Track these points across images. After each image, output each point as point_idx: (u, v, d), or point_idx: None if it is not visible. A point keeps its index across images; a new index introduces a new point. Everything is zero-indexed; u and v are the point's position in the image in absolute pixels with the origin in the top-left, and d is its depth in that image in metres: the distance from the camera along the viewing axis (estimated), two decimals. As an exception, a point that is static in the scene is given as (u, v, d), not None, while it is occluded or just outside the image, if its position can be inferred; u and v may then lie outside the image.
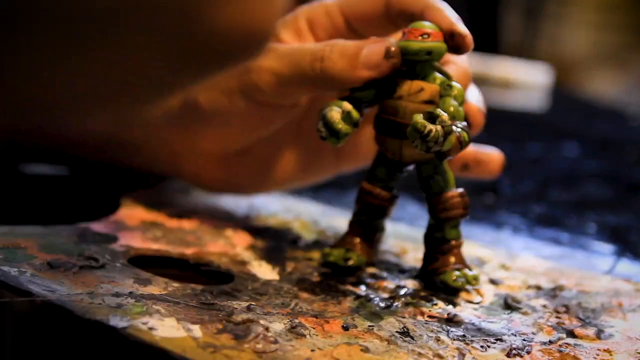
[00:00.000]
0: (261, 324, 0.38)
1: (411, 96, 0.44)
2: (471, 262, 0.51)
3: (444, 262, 0.45)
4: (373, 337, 0.39)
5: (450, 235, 0.45)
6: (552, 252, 0.57)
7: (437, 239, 0.45)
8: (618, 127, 1.32)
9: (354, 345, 0.38)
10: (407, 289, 0.45)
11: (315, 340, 0.38)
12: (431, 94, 0.43)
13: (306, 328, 0.39)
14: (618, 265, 0.56)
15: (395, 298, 0.44)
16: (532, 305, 0.45)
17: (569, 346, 0.40)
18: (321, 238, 0.52)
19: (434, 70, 0.44)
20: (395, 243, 0.52)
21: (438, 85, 0.44)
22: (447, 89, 0.44)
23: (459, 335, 0.40)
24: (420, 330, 0.40)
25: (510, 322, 0.43)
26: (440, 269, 0.45)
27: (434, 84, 0.44)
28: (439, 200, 0.45)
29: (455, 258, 0.45)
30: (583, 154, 1.02)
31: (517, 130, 1.15)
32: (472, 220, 0.63)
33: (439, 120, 0.41)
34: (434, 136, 0.41)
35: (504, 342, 0.40)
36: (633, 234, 0.67)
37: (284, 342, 0.37)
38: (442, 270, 0.45)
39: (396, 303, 0.43)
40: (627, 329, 0.43)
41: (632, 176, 0.94)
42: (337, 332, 0.39)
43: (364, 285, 0.45)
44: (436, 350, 0.38)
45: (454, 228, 0.45)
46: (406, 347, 0.38)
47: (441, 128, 0.41)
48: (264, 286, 0.44)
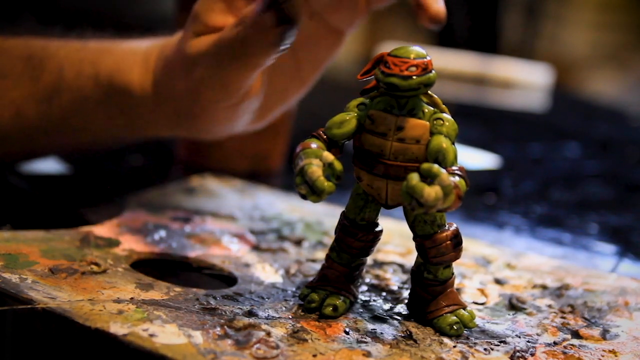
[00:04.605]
0: (262, 329, 0.38)
1: (397, 134, 0.39)
2: (476, 261, 0.50)
3: (437, 305, 0.41)
4: (376, 340, 0.39)
5: (443, 276, 0.41)
6: (554, 252, 0.57)
7: (428, 280, 0.41)
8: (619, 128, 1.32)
9: (356, 349, 0.37)
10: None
11: (317, 344, 0.37)
12: (420, 132, 0.39)
13: (308, 332, 0.38)
14: (620, 266, 0.55)
15: (399, 300, 0.44)
16: (537, 305, 0.45)
17: (573, 347, 0.40)
18: (325, 239, 0.52)
19: (421, 102, 0.39)
20: (400, 242, 0.52)
21: (427, 120, 0.39)
22: (438, 124, 0.39)
23: (463, 338, 0.40)
24: (424, 334, 0.40)
25: (515, 323, 0.42)
26: (434, 313, 0.41)
27: (423, 120, 0.39)
28: (430, 244, 0.40)
29: (449, 299, 0.41)
30: (584, 154, 1.02)
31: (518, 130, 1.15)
32: (473, 220, 0.62)
33: (437, 181, 0.36)
34: (435, 200, 0.36)
35: (507, 345, 0.40)
36: (635, 234, 0.66)
37: (285, 347, 0.37)
38: (437, 314, 0.41)
39: (399, 305, 0.43)
40: (633, 329, 0.43)
41: (633, 176, 0.94)
42: (339, 336, 0.39)
43: (367, 288, 0.45)
44: (439, 353, 0.38)
45: (446, 269, 0.41)
46: (409, 350, 0.38)
47: (440, 190, 0.36)
48: (267, 289, 0.43)
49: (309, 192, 0.38)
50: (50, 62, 0.55)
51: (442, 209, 0.37)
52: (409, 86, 0.38)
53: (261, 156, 0.70)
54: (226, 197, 0.58)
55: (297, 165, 0.38)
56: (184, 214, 0.53)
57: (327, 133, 0.40)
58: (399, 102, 0.39)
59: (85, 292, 0.40)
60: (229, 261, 0.47)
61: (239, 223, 0.53)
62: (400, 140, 0.39)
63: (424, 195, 0.36)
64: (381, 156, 0.39)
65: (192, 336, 0.36)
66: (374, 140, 0.39)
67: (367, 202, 0.41)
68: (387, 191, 0.40)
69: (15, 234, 0.46)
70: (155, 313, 0.38)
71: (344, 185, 0.42)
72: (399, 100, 0.39)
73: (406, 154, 0.39)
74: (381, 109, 0.40)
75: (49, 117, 0.55)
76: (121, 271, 0.43)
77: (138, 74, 0.52)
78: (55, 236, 0.46)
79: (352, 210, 0.42)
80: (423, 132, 0.39)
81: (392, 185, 0.39)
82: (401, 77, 0.38)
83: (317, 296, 0.41)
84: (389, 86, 0.39)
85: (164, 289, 0.42)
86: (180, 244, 0.48)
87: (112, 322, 0.37)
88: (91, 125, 0.55)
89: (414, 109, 0.39)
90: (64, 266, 0.42)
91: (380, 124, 0.39)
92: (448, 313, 0.41)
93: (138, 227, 0.50)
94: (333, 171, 0.38)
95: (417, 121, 0.39)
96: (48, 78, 0.55)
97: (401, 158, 0.39)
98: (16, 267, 0.41)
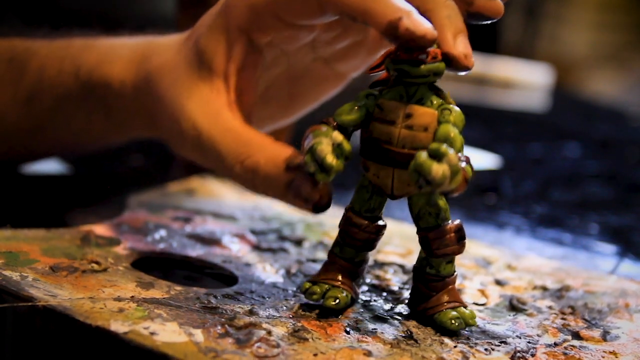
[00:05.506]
0: (263, 328, 0.38)
1: (406, 122, 0.39)
2: (476, 262, 0.50)
3: (438, 301, 0.41)
4: (376, 340, 0.39)
5: (445, 271, 0.41)
6: (554, 252, 0.57)
7: (430, 275, 0.41)
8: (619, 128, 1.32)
9: (357, 349, 0.37)
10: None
11: (317, 344, 0.37)
12: (429, 120, 0.39)
13: (309, 332, 0.38)
14: (621, 266, 0.55)
15: (399, 301, 0.44)
16: (537, 306, 0.45)
17: (574, 348, 0.40)
18: (326, 239, 0.52)
19: (430, 92, 0.40)
20: (400, 243, 0.52)
21: (435, 109, 0.39)
22: (446, 113, 0.39)
23: (463, 338, 0.40)
24: (424, 334, 0.40)
25: (515, 324, 0.42)
26: (435, 309, 0.41)
27: (432, 109, 0.39)
28: (434, 236, 0.40)
29: (450, 296, 0.41)
30: (584, 154, 1.02)
31: (518, 130, 1.15)
32: (474, 220, 0.62)
33: (445, 160, 0.36)
34: (442, 178, 0.36)
35: (508, 345, 0.40)
36: (635, 234, 0.67)
37: (286, 346, 0.37)
38: (437, 310, 0.41)
39: (400, 305, 0.43)
40: (633, 330, 0.43)
41: (633, 176, 0.94)
42: (340, 335, 0.39)
43: (367, 288, 0.45)
44: (440, 353, 0.38)
45: (449, 264, 0.41)
46: (410, 350, 0.38)
47: (448, 168, 0.36)
48: (268, 288, 0.43)
49: (317, 170, 0.38)
50: (31, 63, 0.54)
51: (449, 190, 0.37)
52: (419, 72, 0.39)
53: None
54: (226, 197, 0.58)
55: (305, 145, 0.38)
56: (185, 213, 0.53)
57: (337, 119, 0.40)
58: (408, 92, 0.39)
59: (86, 290, 0.40)
60: (230, 260, 0.47)
61: (239, 223, 0.53)
62: (409, 127, 0.39)
63: (432, 172, 0.36)
64: (389, 143, 0.39)
65: (193, 334, 0.36)
66: (382, 128, 0.40)
67: (373, 193, 0.41)
68: (393, 180, 0.40)
69: (15, 232, 0.46)
70: (156, 311, 0.38)
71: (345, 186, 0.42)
72: (408, 90, 0.39)
73: (414, 141, 0.39)
74: (390, 98, 0.40)
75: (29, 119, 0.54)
76: (122, 270, 0.43)
77: (119, 68, 0.50)
78: (56, 235, 0.46)
79: (358, 202, 0.42)
80: (431, 120, 0.39)
81: (399, 173, 0.39)
82: (412, 62, 0.39)
83: (318, 289, 0.41)
84: (399, 72, 0.39)
85: (164, 287, 0.42)
86: (181, 244, 0.48)
87: (113, 320, 0.37)
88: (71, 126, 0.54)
89: (422, 99, 0.39)
90: (64, 264, 0.42)
91: (389, 111, 0.39)
92: (449, 309, 0.41)
93: (138, 227, 0.50)
94: (342, 151, 0.38)
95: (426, 109, 0.39)
96: (29, 80, 0.54)
97: (409, 146, 0.39)
98: (17, 265, 0.41)
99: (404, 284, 0.46)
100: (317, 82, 0.51)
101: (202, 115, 0.44)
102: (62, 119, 0.54)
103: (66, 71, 0.53)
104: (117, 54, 0.51)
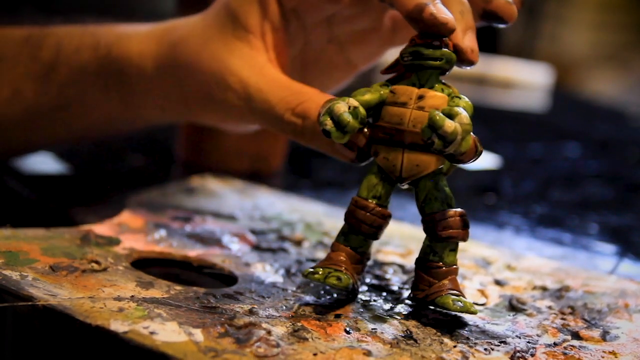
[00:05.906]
0: (263, 328, 0.38)
1: (418, 103, 0.40)
2: (476, 262, 0.51)
3: (440, 287, 0.41)
4: (376, 340, 0.39)
5: (448, 259, 0.41)
6: (554, 252, 0.57)
7: (433, 263, 0.41)
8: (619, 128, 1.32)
9: (357, 348, 0.37)
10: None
11: (317, 343, 0.37)
12: (440, 102, 0.40)
13: (308, 331, 0.38)
14: (620, 266, 0.55)
15: (399, 300, 0.44)
16: (537, 306, 0.45)
17: (573, 348, 0.40)
18: (325, 239, 0.52)
19: (441, 84, 0.41)
20: (400, 243, 0.52)
21: (446, 95, 0.41)
22: (456, 100, 0.41)
23: (463, 338, 0.40)
24: (424, 333, 0.40)
25: (515, 324, 0.42)
26: (436, 294, 0.41)
27: (442, 93, 0.41)
28: (439, 217, 0.41)
29: (451, 284, 0.41)
30: (584, 154, 1.02)
31: (518, 130, 1.15)
32: (473, 220, 0.62)
33: (457, 119, 0.38)
34: (453, 133, 0.38)
35: (508, 345, 0.40)
36: (635, 234, 0.67)
37: (286, 345, 0.37)
38: (438, 294, 0.41)
39: (400, 305, 0.43)
40: (632, 330, 0.43)
41: (633, 176, 0.94)
42: (340, 335, 0.39)
43: (367, 288, 0.45)
44: (439, 353, 0.38)
45: (452, 252, 0.42)
46: (409, 350, 0.38)
47: (459, 127, 0.38)
48: (268, 288, 0.43)
49: (333, 127, 0.40)
50: (48, 39, 0.55)
51: (458, 154, 0.39)
52: (434, 55, 0.41)
53: (261, 156, 0.70)
54: (226, 197, 0.58)
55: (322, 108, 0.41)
56: (185, 213, 0.53)
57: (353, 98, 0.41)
58: (420, 80, 0.41)
59: (86, 289, 0.40)
60: (230, 260, 0.47)
61: (239, 223, 0.53)
62: (420, 108, 0.40)
63: (444, 126, 0.38)
64: (400, 124, 0.41)
65: (193, 334, 0.36)
66: (394, 111, 0.41)
67: (381, 179, 0.42)
68: (402, 162, 0.41)
69: (15, 232, 0.46)
70: (155, 311, 0.38)
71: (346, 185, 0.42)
72: (420, 78, 0.41)
73: (425, 122, 0.39)
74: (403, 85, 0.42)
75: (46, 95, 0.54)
76: (121, 269, 0.43)
77: (138, 42, 0.51)
78: (56, 234, 0.46)
79: (365, 189, 0.42)
80: (442, 102, 0.41)
81: (408, 155, 0.41)
82: (426, 45, 0.41)
83: (321, 270, 0.41)
84: (413, 56, 0.41)
85: (164, 287, 0.42)
86: (181, 243, 0.48)
87: (113, 319, 0.37)
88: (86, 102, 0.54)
89: (432, 86, 0.41)
90: (64, 264, 0.42)
91: (401, 94, 0.41)
92: (450, 294, 0.41)
93: (138, 226, 0.50)
94: (357, 114, 0.40)
95: (438, 93, 0.41)
96: (46, 54, 0.54)
97: (420, 127, 0.40)
98: (17, 265, 0.41)
99: (404, 284, 0.46)
100: (328, 70, 0.52)
101: (248, 69, 0.46)
102: (77, 93, 0.54)
103: (85, 45, 0.53)
104: (136, 31, 0.52)
